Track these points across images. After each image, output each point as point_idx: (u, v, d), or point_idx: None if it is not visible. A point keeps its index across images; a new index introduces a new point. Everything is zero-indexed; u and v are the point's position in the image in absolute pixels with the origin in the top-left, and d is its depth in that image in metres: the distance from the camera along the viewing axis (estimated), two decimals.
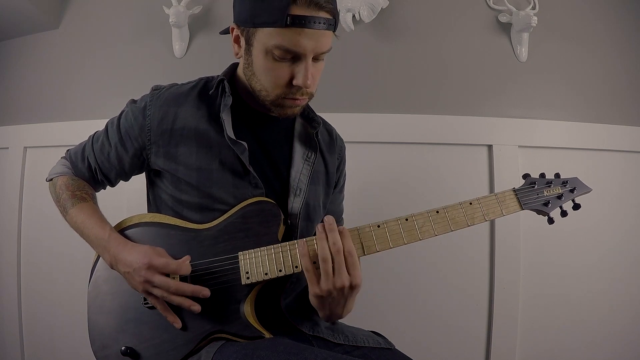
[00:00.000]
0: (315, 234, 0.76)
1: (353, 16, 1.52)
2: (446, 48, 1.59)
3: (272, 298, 0.86)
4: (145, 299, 0.81)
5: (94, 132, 0.98)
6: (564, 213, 0.85)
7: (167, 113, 0.87)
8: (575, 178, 0.86)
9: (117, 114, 0.94)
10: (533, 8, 1.56)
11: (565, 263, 1.53)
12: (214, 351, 0.74)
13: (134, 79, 1.64)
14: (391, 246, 0.78)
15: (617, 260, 1.54)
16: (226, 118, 0.86)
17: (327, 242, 0.73)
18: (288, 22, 0.73)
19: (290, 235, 0.86)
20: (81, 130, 1.15)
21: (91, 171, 0.95)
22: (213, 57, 1.59)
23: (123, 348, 0.79)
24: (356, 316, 0.85)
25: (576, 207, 0.86)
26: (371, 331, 0.96)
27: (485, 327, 1.51)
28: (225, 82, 0.87)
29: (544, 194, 0.84)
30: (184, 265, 0.78)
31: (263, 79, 0.81)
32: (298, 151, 0.93)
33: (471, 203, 0.81)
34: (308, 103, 0.89)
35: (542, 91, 1.58)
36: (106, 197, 1.02)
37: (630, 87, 1.61)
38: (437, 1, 1.60)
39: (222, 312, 0.79)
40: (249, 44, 0.80)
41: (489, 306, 1.51)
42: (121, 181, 0.99)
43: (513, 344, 1.48)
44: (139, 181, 0.98)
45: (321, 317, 0.82)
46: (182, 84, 0.93)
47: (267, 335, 0.78)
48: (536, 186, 0.84)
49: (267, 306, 0.86)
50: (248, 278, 0.78)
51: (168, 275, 0.77)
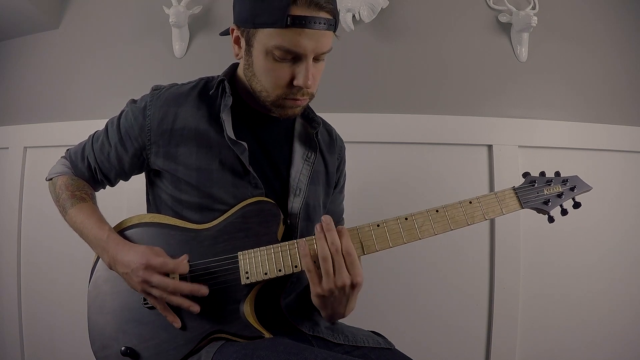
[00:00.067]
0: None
1: (353, 16, 1.52)
2: (446, 48, 1.59)
3: (272, 298, 0.86)
4: (145, 299, 0.81)
5: (94, 132, 0.98)
6: (564, 212, 0.85)
7: (167, 113, 0.87)
8: (575, 176, 0.86)
9: (117, 114, 0.94)
10: (533, 8, 1.56)
11: (565, 263, 1.53)
12: (214, 351, 0.74)
13: (134, 79, 1.64)
14: (391, 245, 0.78)
15: (617, 260, 1.54)
16: (226, 118, 0.86)
17: (326, 242, 0.73)
18: (288, 23, 0.73)
19: (290, 235, 0.86)
20: (81, 130, 1.15)
21: (91, 171, 0.95)
22: (213, 57, 1.59)
23: (123, 348, 0.79)
24: (356, 316, 0.85)
25: (576, 206, 0.86)
26: (371, 331, 0.95)
27: (485, 327, 1.51)
28: (225, 83, 0.87)
29: (544, 193, 0.84)
30: (182, 264, 0.78)
31: (263, 80, 0.81)
32: (298, 151, 0.93)
33: (471, 202, 0.81)
34: (308, 103, 0.89)
35: (542, 91, 1.58)
36: (106, 197, 1.02)
37: (630, 87, 1.61)
38: (437, 1, 1.60)
39: (222, 312, 0.79)
40: (249, 45, 0.80)
41: (489, 306, 1.51)
42: (121, 181, 0.99)
43: (513, 344, 1.48)
44: (139, 181, 0.98)
45: (324, 317, 0.82)
46: (182, 84, 0.93)
47: (267, 335, 0.78)
48: (536, 185, 0.84)
49: (267, 306, 0.86)
50: (248, 278, 0.78)
51: (167, 275, 0.77)
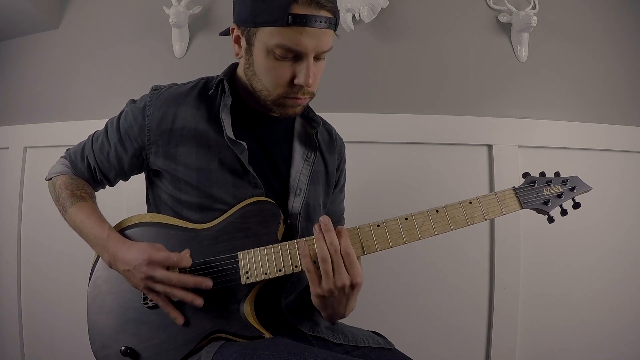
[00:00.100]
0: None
1: (353, 16, 1.52)
2: (446, 48, 1.59)
3: (272, 298, 0.86)
4: (145, 299, 0.81)
5: (94, 132, 0.98)
6: (564, 212, 0.85)
7: (167, 113, 0.87)
8: (575, 177, 0.86)
9: (117, 114, 0.94)
10: (533, 8, 1.56)
11: (565, 263, 1.53)
12: (214, 351, 0.74)
13: (134, 79, 1.64)
14: (391, 246, 0.78)
15: (617, 260, 1.54)
16: (225, 118, 0.86)
17: (325, 243, 0.73)
18: (289, 21, 0.73)
19: (290, 235, 0.86)
20: (81, 130, 1.15)
21: (90, 171, 0.95)
22: (213, 57, 1.59)
23: (123, 348, 0.79)
24: (356, 316, 0.85)
25: (576, 206, 0.86)
26: (371, 331, 0.95)
27: (485, 327, 1.51)
28: (224, 82, 0.87)
29: (544, 193, 0.84)
30: (185, 257, 0.78)
31: (264, 79, 0.81)
32: (298, 151, 0.93)
33: (471, 202, 0.81)
34: (308, 103, 0.89)
35: (542, 91, 1.58)
36: (106, 197, 1.02)
37: (630, 87, 1.61)
38: (437, 1, 1.60)
39: (222, 312, 0.79)
40: (250, 44, 0.80)
41: (489, 306, 1.51)
42: (121, 181, 0.99)
43: (513, 344, 1.48)
44: (139, 181, 0.98)
45: (324, 317, 0.82)
46: (182, 84, 0.93)
47: (267, 335, 0.78)
48: (536, 185, 0.84)
49: (267, 306, 0.86)
50: (248, 278, 0.78)
51: (169, 269, 0.77)
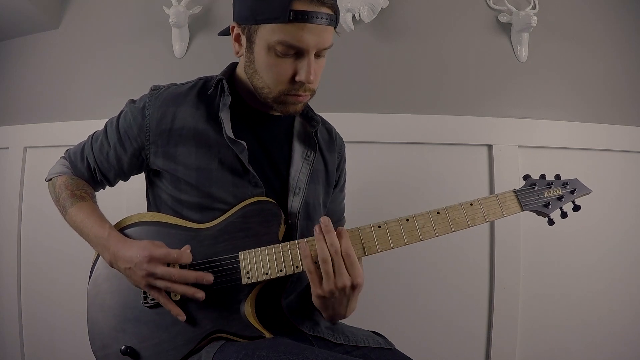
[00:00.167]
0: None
1: (353, 16, 1.52)
2: (446, 48, 1.59)
3: (273, 298, 0.86)
4: (145, 298, 0.81)
5: (93, 132, 0.98)
6: (564, 214, 0.85)
7: (166, 113, 0.87)
8: (575, 179, 0.86)
9: (117, 114, 0.94)
10: (533, 8, 1.56)
11: (565, 263, 1.53)
12: (214, 351, 0.74)
13: (134, 79, 1.63)
14: (392, 247, 0.78)
15: (617, 260, 1.54)
16: (225, 117, 0.86)
17: (325, 244, 0.73)
18: (291, 18, 0.73)
19: (290, 234, 0.87)
20: (81, 130, 1.15)
21: (90, 171, 0.95)
22: (213, 57, 1.59)
23: (123, 347, 0.79)
24: (356, 316, 0.85)
25: (576, 209, 0.86)
26: (371, 331, 0.95)
27: (485, 327, 1.51)
28: (224, 82, 0.87)
29: (545, 195, 0.84)
30: (185, 253, 0.78)
31: (265, 76, 0.81)
32: (297, 150, 0.92)
33: (472, 204, 0.81)
34: (308, 102, 0.89)
35: (542, 91, 1.58)
36: (106, 197, 1.02)
37: (630, 87, 1.61)
38: (437, 1, 1.60)
39: (223, 312, 0.79)
40: (251, 42, 0.80)
41: (489, 306, 1.51)
42: (120, 181, 0.99)
43: (513, 344, 1.48)
44: (139, 181, 0.98)
45: (325, 318, 0.82)
46: (181, 84, 0.93)
47: (268, 335, 0.78)
48: (537, 187, 0.84)
49: (268, 306, 0.86)
50: (249, 278, 0.78)
51: (169, 265, 0.77)
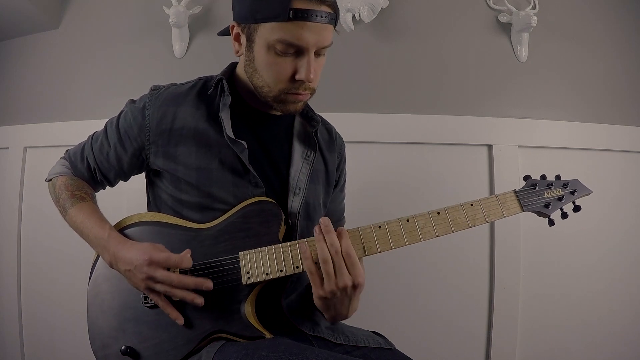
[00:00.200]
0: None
1: (353, 16, 1.52)
2: (446, 48, 1.59)
3: (273, 298, 0.86)
4: (145, 298, 0.81)
5: (93, 132, 0.98)
6: (565, 215, 0.85)
7: (166, 113, 0.87)
8: (575, 180, 0.86)
9: (117, 114, 0.94)
10: (533, 8, 1.56)
11: (565, 263, 1.53)
12: (215, 351, 0.74)
13: (134, 79, 1.63)
14: (392, 247, 0.78)
15: (617, 260, 1.54)
16: (225, 117, 0.86)
17: (325, 244, 0.73)
18: (291, 16, 0.73)
19: (290, 234, 0.87)
20: (81, 130, 1.15)
21: (90, 171, 0.95)
22: (213, 57, 1.59)
23: (123, 347, 0.79)
24: (356, 316, 0.85)
25: (576, 209, 0.85)
26: (371, 331, 0.95)
27: (485, 327, 1.51)
28: (224, 82, 0.87)
29: (545, 196, 0.84)
30: (185, 258, 0.77)
31: (265, 75, 0.81)
32: (297, 150, 0.92)
33: (472, 204, 0.81)
34: (307, 102, 0.89)
35: (542, 91, 1.58)
36: (106, 197, 1.02)
37: (630, 87, 1.61)
38: (437, 1, 1.60)
39: (223, 312, 0.79)
40: (251, 41, 0.80)
41: (489, 306, 1.51)
42: (121, 181, 0.99)
43: (513, 344, 1.48)
44: (139, 181, 0.98)
45: (327, 319, 0.82)
46: (181, 84, 0.93)
47: (268, 335, 0.78)
48: (537, 188, 0.84)
49: (268, 306, 0.86)
50: (249, 278, 0.78)
51: (169, 270, 0.77)
